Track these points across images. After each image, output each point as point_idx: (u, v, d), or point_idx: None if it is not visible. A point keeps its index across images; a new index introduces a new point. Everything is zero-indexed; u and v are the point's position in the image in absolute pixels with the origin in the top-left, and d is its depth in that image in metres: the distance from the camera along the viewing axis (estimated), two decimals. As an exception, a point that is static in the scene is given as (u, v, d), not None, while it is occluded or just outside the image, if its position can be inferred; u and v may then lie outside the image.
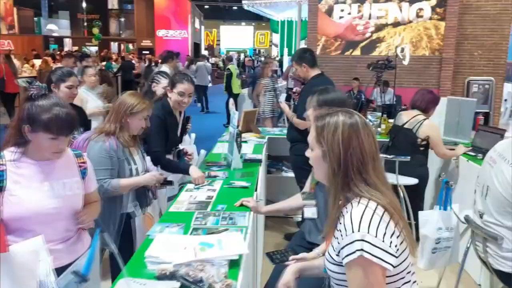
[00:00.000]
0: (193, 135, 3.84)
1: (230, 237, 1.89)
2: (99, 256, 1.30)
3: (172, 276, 1.58)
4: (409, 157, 3.55)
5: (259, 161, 3.40)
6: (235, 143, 3.11)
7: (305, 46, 7.43)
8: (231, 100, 3.64)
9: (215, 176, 2.95)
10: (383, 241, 1.21)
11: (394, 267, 1.23)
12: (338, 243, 1.30)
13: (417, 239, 2.83)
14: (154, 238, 1.88)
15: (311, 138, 1.43)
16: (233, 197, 2.52)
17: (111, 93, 5.56)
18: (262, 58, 19.33)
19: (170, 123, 3.02)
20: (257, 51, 29.42)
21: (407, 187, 3.73)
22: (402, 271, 1.31)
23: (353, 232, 1.23)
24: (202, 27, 28.76)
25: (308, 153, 1.46)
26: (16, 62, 15.16)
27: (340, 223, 1.30)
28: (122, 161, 2.42)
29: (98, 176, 2.15)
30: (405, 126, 3.80)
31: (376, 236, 1.21)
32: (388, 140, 4.05)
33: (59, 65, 7.85)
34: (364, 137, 1.34)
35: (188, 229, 2.07)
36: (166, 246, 1.74)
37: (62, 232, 1.78)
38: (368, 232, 1.21)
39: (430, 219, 2.74)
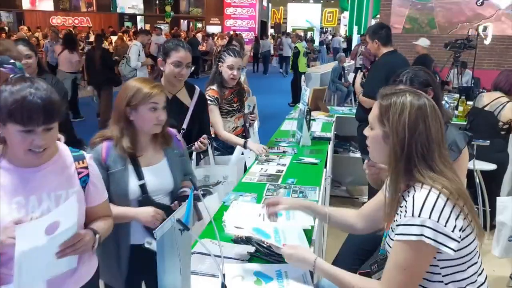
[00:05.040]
0: (255, 124, 3.45)
1: None
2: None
3: (247, 241, 1.66)
4: (488, 141, 3.37)
5: (328, 139, 3.39)
6: (304, 120, 3.13)
7: (381, 22, 7.16)
8: (303, 77, 3.61)
9: (284, 152, 3.00)
10: (445, 226, 1.18)
11: (455, 251, 1.21)
12: (396, 220, 1.29)
13: (492, 226, 2.72)
14: (230, 205, 1.97)
15: (372, 116, 1.35)
16: (303, 172, 2.57)
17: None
18: (330, 37, 18.86)
19: None
20: (324, 30, 28.73)
21: (483, 172, 3.55)
22: (467, 254, 1.27)
23: (412, 216, 1.20)
24: (270, 4, 28.54)
25: (366, 131, 1.38)
26: (94, 38, 16.05)
27: (401, 206, 1.27)
28: (118, 174, 1.74)
29: None
30: (486, 108, 3.60)
31: (438, 221, 1.18)
32: (465, 123, 3.86)
33: (134, 42, 8.17)
34: (431, 122, 1.26)
35: (260, 199, 2.15)
36: (241, 212, 1.82)
37: (60, 264, 1.32)
38: (430, 218, 1.18)
39: (509, 206, 2.62)
